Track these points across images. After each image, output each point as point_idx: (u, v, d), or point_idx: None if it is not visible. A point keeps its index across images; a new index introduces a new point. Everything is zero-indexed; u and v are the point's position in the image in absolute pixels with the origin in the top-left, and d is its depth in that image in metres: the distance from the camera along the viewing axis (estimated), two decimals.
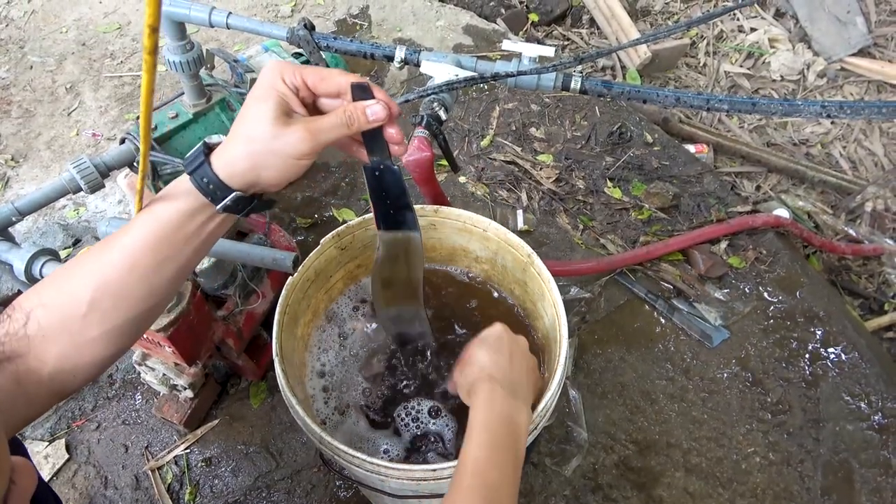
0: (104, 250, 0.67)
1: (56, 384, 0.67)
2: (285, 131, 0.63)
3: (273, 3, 2.60)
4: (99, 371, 0.71)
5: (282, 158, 0.64)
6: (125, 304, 0.68)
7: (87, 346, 0.67)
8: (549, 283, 1.01)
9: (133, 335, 0.72)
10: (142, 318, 0.71)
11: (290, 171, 0.65)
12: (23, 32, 2.49)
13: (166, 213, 0.66)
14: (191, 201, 0.66)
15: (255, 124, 0.64)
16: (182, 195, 0.66)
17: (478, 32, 2.49)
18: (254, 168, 0.64)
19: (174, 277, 0.70)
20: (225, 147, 0.66)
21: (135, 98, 2.24)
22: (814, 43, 2.67)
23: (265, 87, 0.65)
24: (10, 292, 1.55)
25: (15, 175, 2.03)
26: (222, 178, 0.64)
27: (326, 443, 0.84)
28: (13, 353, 0.65)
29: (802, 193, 2.28)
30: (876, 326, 1.89)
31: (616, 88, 1.06)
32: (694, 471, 1.44)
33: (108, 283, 0.66)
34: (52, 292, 0.67)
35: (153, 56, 0.55)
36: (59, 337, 0.66)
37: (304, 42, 1.16)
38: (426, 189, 1.15)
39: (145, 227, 0.66)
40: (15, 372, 0.64)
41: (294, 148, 0.64)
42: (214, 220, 0.69)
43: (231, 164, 0.65)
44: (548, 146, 2.10)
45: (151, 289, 0.69)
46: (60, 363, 0.66)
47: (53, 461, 1.44)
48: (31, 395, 0.66)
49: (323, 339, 1.13)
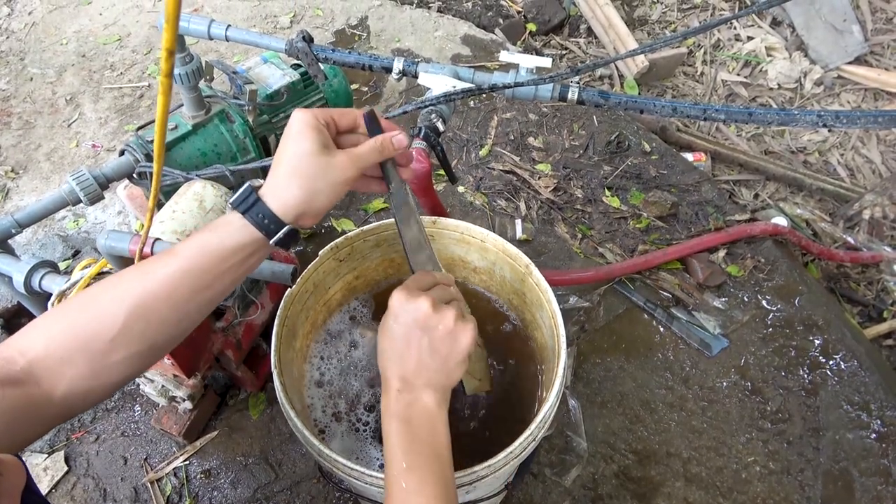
0: (142, 274, 0.70)
1: (66, 406, 0.67)
2: (332, 161, 0.72)
3: (272, 15, 2.61)
4: (109, 394, 0.72)
5: (332, 185, 0.72)
6: (155, 329, 0.70)
7: (106, 370, 0.68)
8: (548, 294, 1.01)
9: (151, 361, 0.73)
10: (165, 344, 0.72)
11: (338, 196, 0.73)
12: (23, 44, 2.51)
13: (215, 246, 0.71)
14: (243, 236, 0.71)
15: (303, 159, 0.71)
16: (233, 230, 0.71)
17: (476, 42, 2.50)
18: (308, 199, 0.71)
19: (206, 306, 0.73)
20: (275, 183, 0.72)
21: (134, 109, 2.25)
22: (810, 51, 2.68)
23: (302, 126, 0.72)
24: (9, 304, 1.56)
25: (15, 186, 2.04)
26: (277, 213, 0.71)
27: (325, 455, 0.84)
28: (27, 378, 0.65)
29: (800, 201, 2.28)
30: (875, 334, 1.89)
31: (613, 99, 1.06)
32: (694, 480, 1.43)
33: (143, 307, 0.68)
34: (77, 314, 0.68)
35: (169, 79, 0.56)
36: (78, 359, 0.66)
37: (303, 54, 1.16)
38: (424, 200, 1.15)
39: (191, 257, 0.70)
40: (26, 395, 0.64)
41: (343, 174, 0.72)
42: (258, 253, 0.74)
43: (286, 200, 0.71)
44: (546, 155, 2.11)
45: (183, 317, 0.71)
46: (74, 386, 0.67)
47: (52, 473, 1.43)
48: (39, 420, 0.66)
49: (322, 350, 1.13)
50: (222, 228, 0.71)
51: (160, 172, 0.68)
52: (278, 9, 2.64)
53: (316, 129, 0.72)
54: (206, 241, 0.71)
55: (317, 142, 0.71)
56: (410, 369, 0.75)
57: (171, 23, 0.51)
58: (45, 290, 1.14)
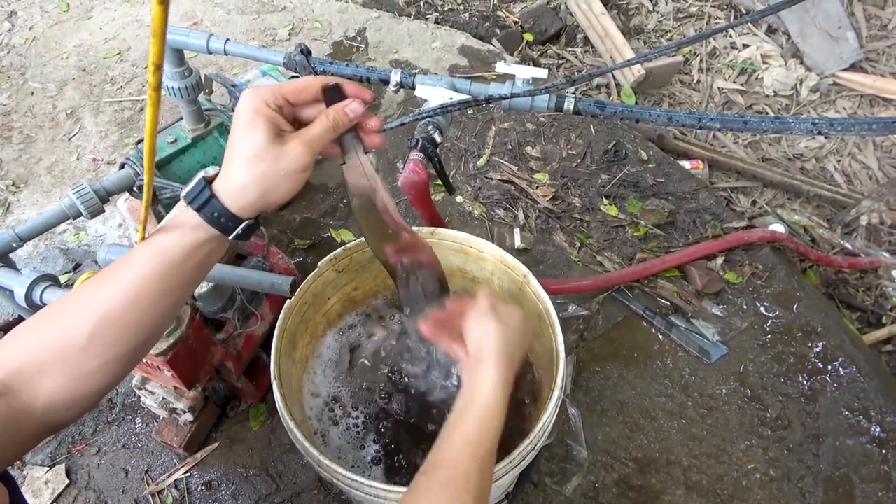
0: (105, 282, 0.68)
1: (49, 418, 0.66)
2: (285, 150, 0.67)
3: (271, 27, 2.63)
4: (94, 403, 0.71)
5: (287, 176, 0.68)
6: (127, 335, 0.68)
7: (85, 378, 0.67)
8: (546, 303, 1.02)
9: (130, 365, 0.72)
10: (141, 346, 0.71)
11: (297, 185, 0.69)
12: (24, 59, 2.52)
13: (172, 246, 0.68)
14: (199, 234, 0.68)
15: (253, 151, 0.66)
16: (188, 229, 0.68)
17: (473, 53, 2.52)
18: (264, 193, 0.67)
19: (176, 306, 0.72)
20: (228, 179, 0.67)
21: (134, 122, 2.26)
22: (806, 58, 2.70)
23: (250, 114, 0.67)
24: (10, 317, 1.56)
25: (16, 200, 2.05)
26: (233, 210, 0.67)
27: (325, 465, 0.85)
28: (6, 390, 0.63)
29: (798, 208, 2.29)
30: (874, 340, 1.89)
31: (609, 109, 1.07)
32: (695, 488, 1.43)
33: (110, 316, 0.66)
34: (47, 325, 0.67)
35: (157, 92, 0.57)
36: (54, 369, 0.65)
37: (301, 67, 1.18)
38: (422, 211, 1.16)
39: (151, 261, 0.67)
40: (7, 406, 0.63)
41: (297, 162, 0.68)
42: (220, 248, 0.72)
43: (241, 196, 0.67)
44: (544, 164, 2.12)
45: (153, 319, 0.70)
46: (54, 396, 0.65)
47: (53, 486, 1.43)
48: (22, 432, 0.65)
49: (321, 360, 1.13)
50: (178, 229, 0.68)
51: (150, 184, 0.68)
52: (277, 21, 2.66)
53: (265, 116, 0.67)
54: (162, 244, 0.68)
55: (266, 131, 0.67)
56: (514, 370, 0.85)
57: (158, 37, 0.52)
58: (46, 304, 1.14)
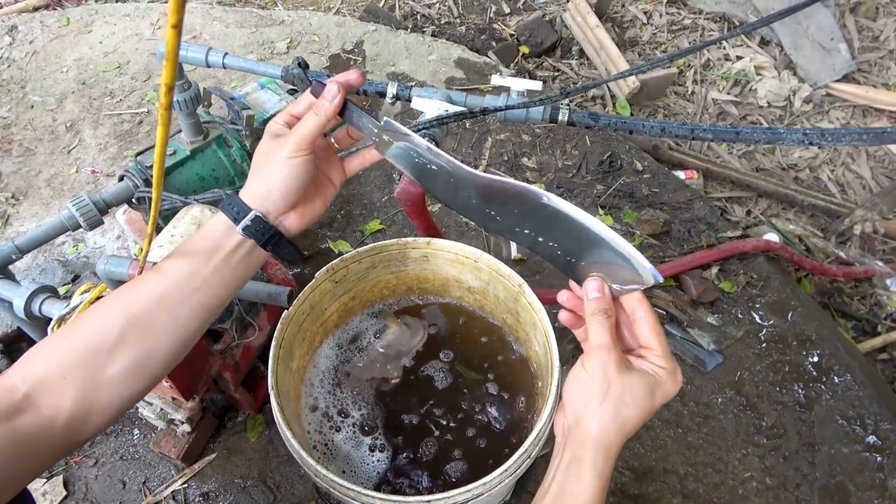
0: (134, 285, 0.74)
1: (67, 434, 0.67)
2: (277, 141, 0.77)
3: (269, 41, 2.65)
4: (111, 418, 0.72)
5: (280, 162, 0.75)
6: (151, 337, 0.72)
7: (106, 385, 0.69)
8: (541, 313, 1.03)
9: (148, 377, 0.74)
10: (162, 356, 0.74)
11: (294, 170, 0.75)
12: (24, 73, 2.54)
13: (196, 244, 0.76)
14: (219, 227, 0.77)
15: (259, 154, 0.78)
16: (211, 224, 0.78)
17: (469, 65, 2.54)
18: (264, 179, 0.76)
19: (199, 313, 0.76)
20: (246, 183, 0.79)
21: (133, 135, 2.28)
22: (799, 70, 2.73)
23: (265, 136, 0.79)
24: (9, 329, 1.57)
25: (15, 213, 2.06)
26: (244, 200, 0.77)
27: (322, 475, 0.85)
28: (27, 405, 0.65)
29: (792, 217, 2.31)
30: (869, 348, 1.90)
31: (603, 120, 1.09)
32: (691, 497, 1.44)
33: (138, 314, 0.71)
34: (76, 329, 0.70)
35: (168, 112, 0.59)
36: (76, 374, 0.67)
37: (299, 80, 1.18)
38: (418, 222, 1.17)
39: (175, 264, 0.75)
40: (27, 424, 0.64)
41: (285, 148, 0.75)
42: (240, 250, 0.77)
43: (250, 188, 0.77)
44: (539, 175, 2.13)
45: (178, 323, 0.73)
46: (74, 408, 0.67)
47: (51, 498, 1.43)
48: (41, 451, 0.66)
49: (318, 370, 1.14)
50: (205, 227, 0.78)
51: (159, 199, 0.70)
52: (275, 35, 2.68)
53: (269, 130, 0.79)
54: (189, 242, 0.77)
55: (267, 138, 0.78)
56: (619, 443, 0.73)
57: (171, 60, 0.53)
58: (45, 315, 1.15)
